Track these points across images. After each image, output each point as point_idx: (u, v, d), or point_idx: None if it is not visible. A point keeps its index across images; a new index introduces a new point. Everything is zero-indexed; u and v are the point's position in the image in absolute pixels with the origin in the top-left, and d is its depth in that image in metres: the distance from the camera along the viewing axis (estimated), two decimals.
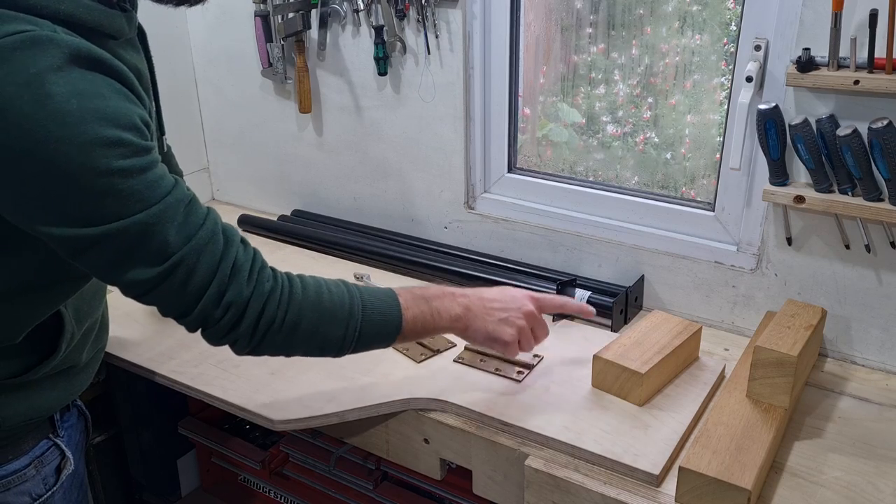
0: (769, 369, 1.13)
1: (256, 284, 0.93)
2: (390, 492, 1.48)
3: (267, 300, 0.94)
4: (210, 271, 0.89)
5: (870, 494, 1.03)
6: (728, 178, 1.41)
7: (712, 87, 1.49)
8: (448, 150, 1.68)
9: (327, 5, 1.70)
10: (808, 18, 1.21)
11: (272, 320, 0.95)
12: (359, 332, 1.02)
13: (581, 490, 1.05)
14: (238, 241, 0.94)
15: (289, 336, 0.97)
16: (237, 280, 0.91)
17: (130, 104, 0.83)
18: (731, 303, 1.45)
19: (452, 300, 1.11)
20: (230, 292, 0.91)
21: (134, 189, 0.82)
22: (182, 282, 0.88)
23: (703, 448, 1.03)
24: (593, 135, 1.66)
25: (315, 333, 0.99)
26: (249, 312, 0.93)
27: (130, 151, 0.81)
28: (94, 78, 0.80)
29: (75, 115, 0.77)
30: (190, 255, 0.87)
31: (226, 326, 0.93)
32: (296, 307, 0.96)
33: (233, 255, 0.91)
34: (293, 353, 1.01)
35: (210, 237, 0.89)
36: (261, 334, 0.95)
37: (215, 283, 0.90)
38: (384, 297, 1.06)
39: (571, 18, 1.60)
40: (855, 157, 1.18)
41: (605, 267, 1.56)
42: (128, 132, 0.81)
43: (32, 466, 1.05)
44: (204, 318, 0.91)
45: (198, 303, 0.90)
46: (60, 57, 0.77)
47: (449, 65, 1.60)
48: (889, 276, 1.28)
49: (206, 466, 1.80)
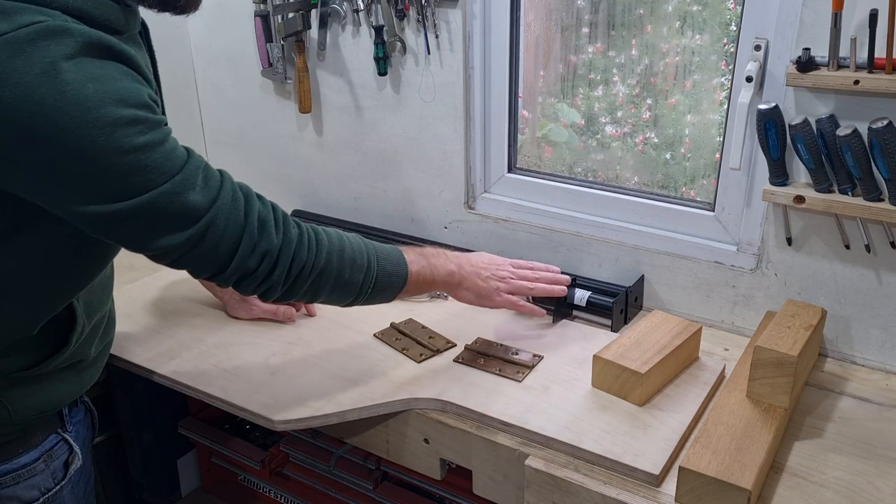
0: (769, 369, 1.13)
1: (284, 233, 1.00)
2: (390, 492, 1.48)
3: (297, 246, 1.01)
4: (239, 227, 0.95)
5: (870, 494, 1.03)
6: (728, 178, 1.41)
7: (712, 87, 1.49)
8: (448, 150, 1.68)
9: (327, 5, 1.70)
10: (808, 18, 1.21)
11: (303, 264, 1.01)
12: (374, 279, 1.11)
13: (581, 490, 1.05)
14: (255, 196, 0.99)
15: (317, 280, 1.04)
16: (266, 230, 0.97)
17: (138, 84, 0.86)
18: (731, 303, 1.45)
19: (446, 259, 1.24)
20: (263, 242, 0.97)
21: (157, 161, 0.86)
22: (215, 241, 0.93)
23: (703, 448, 1.03)
24: (592, 135, 1.66)
25: (339, 278, 1.07)
26: (282, 259, 0.99)
27: (147, 127, 0.85)
28: (103, 63, 0.82)
29: (93, 100, 0.80)
30: (218, 215, 0.92)
31: (261, 275, 0.99)
32: (323, 252, 1.04)
33: (256, 209, 0.97)
34: (318, 297, 1.08)
35: (232, 195, 0.95)
36: (293, 278, 1.01)
37: (247, 237, 0.95)
38: (393, 251, 1.16)
39: (571, 18, 1.60)
40: (855, 157, 1.18)
41: (605, 267, 1.56)
42: (142, 110, 0.85)
43: (42, 460, 1.07)
44: (241, 269, 0.97)
45: (232, 258, 0.95)
46: (74, 45, 0.79)
47: (449, 65, 1.60)
48: (889, 276, 1.28)
49: (206, 466, 1.80)
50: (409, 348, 1.36)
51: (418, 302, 1.55)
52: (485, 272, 1.28)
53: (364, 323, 1.45)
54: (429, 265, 1.20)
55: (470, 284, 1.26)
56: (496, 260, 1.33)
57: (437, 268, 1.21)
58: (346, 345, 1.39)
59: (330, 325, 1.46)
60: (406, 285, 1.16)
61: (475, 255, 1.33)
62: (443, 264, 1.23)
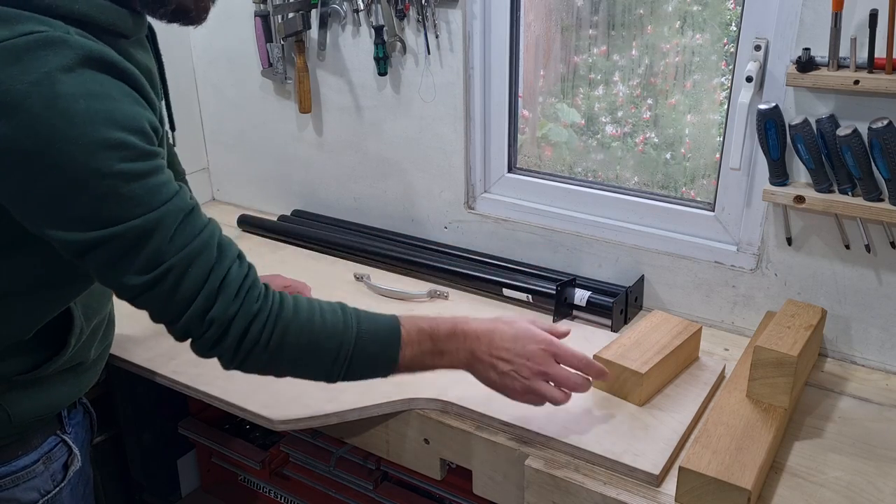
0: (769, 369, 1.13)
1: (244, 302, 0.92)
2: (390, 492, 1.48)
3: (253, 319, 0.92)
4: (198, 282, 0.88)
5: (870, 494, 1.03)
6: (728, 178, 1.41)
7: (712, 87, 1.49)
8: (448, 150, 1.68)
9: (327, 5, 1.70)
10: (808, 18, 1.21)
11: (256, 340, 0.93)
12: (349, 362, 0.99)
13: (581, 490, 1.05)
14: (234, 256, 0.92)
15: (273, 357, 0.95)
16: (224, 295, 0.90)
17: (139, 107, 0.84)
18: (731, 303, 1.45)
19: (462, 342, 1.05)
20: (216, 307, 0.90)
21: (135, 193, 0.82)
22: (171, 289, 0.87)
23: (703, 448, 1.03)
24: (593, 135, 1.66)
25: (301, 358, 0.97)
26: (233, 330, 0.91)
27: (134, 155, 0.81)
28: (104, 80, 0.80)
29: (83, 116, 0.77)
30: (180, 263, 0.86)
31: (209, 341, 0.92)
32: (281, 329, 0.94)
33: (224, 269, 0.90)
34: (280, 374, 1.00)
35: (203, 248, 0.88)
36: (244, 352, 0.93)
37: (202, 296, 0.89)
38: (384, 329, 1.02)
39: (571, 18, 1.60)
40: (855, 157, 1.18)
41: (605, 267, 1.56)
42: (133, 135, 0.81)
43: (41, 462, 1.06)
44: (188, 329, 0.91)
45: (184, 313, 0.89)
46: (72, 58, 0.78)
47: (449, 65, 1.60)
48: (889, 276, 1.28)
49: (206, 466, 1.80)
50: None
51: (419, 302, 1.55)
52: (503, 366, 1.06)
53: None
54: (433, 349, 1.04)
55: (482, 377, 1.08)
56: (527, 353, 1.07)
57: (442, 354, 1.05)
58: None
59: None
60: (395, 369, 1.03)
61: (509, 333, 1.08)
62: (453, 352, 1.05)
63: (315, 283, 1.61)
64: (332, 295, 1.57)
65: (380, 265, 1.69)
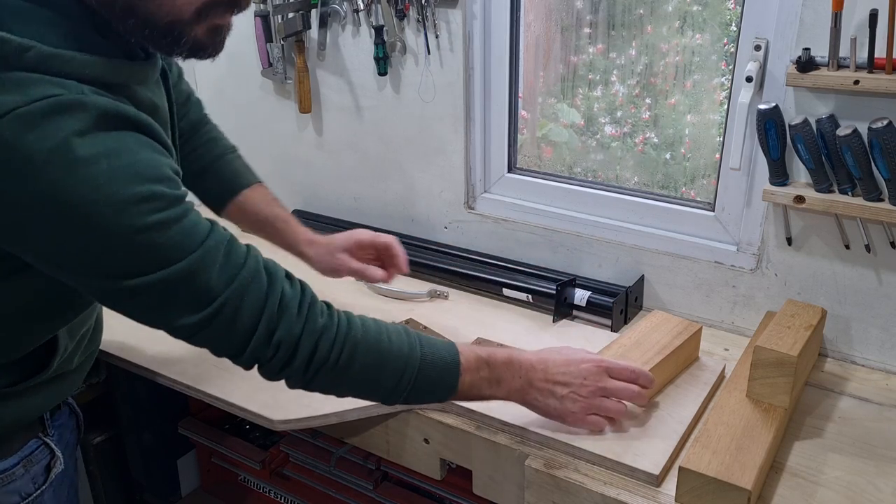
0: (769, 369, 1.13)
1: (307, 320, 0.92)
2: (390, 492, 1.48)
3: (320, 337, 0.93)
4: (257, 310, 0.88)
5: (870, 494, 1.03)
6: (728, 178, 1.41)
7: (712, 87, 1.49)
8: (448, 150, 1.68)
9: (327, 5, 1.70)
10: (808, 18, 1.21)
11: (326, 357, 0.93)
12: (412, 385, 0.99)
13: (581, 490, 1.05)
14: (283, 276, 0.92)
15: (340, 375, 0.95)
16: (286, 316, 0.90)
17: (159, 155, 0.83)
18: (731, 303, 1.45)
19: (518, 370, 1.06)
20: (280, 330, 0.90)
21: (172, 239, 0.82)
22: (229, 323, 0.87)
23: (703, 448, 1.03)
24: (592, 135, 1.66)
25: (367, 378, 0.97)
26: (302, 349, 0.92)
27: (165, 204, 0.81)
28: (120, 135, 0.80)
29: (106, 176, 0.77)
30: (234, 296, 0.86)
31: (278, 364, 0.92)
32: (351, 346, 0.94)
33: (278, 292, 0.90)
34: (343, 393, 1.00)
35: (253, 276, 0.88)
36: (313, 371, 0.93)
37: (264, 322, 0.89)
38: (445, 354, 1.02)
39: (571, 18, 1.60)
40: (855, 157, 1.18)
41: (605, 267, 1.56)
42: (159, 184, 0.81)
43: (21, 465, 1.04)
44: (256, 357, 0.91)
45: (248, 343, 0.89)
46: (87, 119, 0.77)
47: (449, 65, 1.60)
48: (889, 276, 1.28)
49: (206, 466, 1.80)
50: None
51: (419, 302, 1.55)
52: (561, 390, 1.07)
53: None
54: (490, 376, 1.04)
55: (540, 404, 1.08)
56: (583, 373, 1.08)
57: (499, 382, 1.05)
58: None
59: None
60: (454, 395, 1.03)
61: (561, 357, 1.09)
62: (509, 379, 1.06)
63: (315, 284, 1.61)
64: (332, 295, 1.57)
65: None
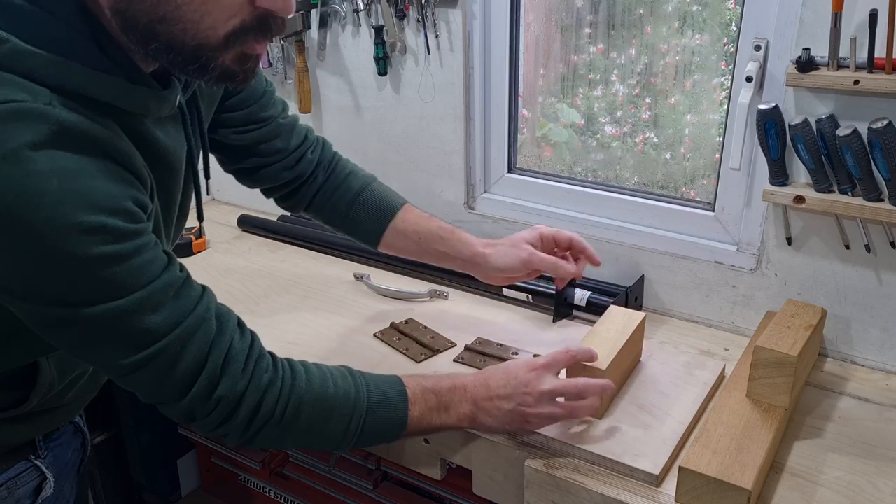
0: (769, 369, 1.13)
1: (252, 376, 0.87)
2: (390, 492, 1.48)
3: (265, 393, 0.88)
4: (199, 361, 0.83)
5: (870, 494, 1.03)
6: (728, 178, 1.41)
7: (712, 87, 1.49)
8: (448, 150, 1.68)
9: (327, 5, 1.70)
10: (808, 18, 1.21)
11: (270, 414, 0.89)
12: (361, 428, 0.96)
13: (581, 490, 1.05)
14: (233, 327, 0.87)
15: (286, 430, 0.91)
16: (230, 371, 0.85)
17: (121, 185, 0.76)
18: (731, 303, 1.45)
19: (463, 394, 1.04)
20: (222, 385, 0.85)
21: (116, 276, 0.75)
22: (165, 370, 0.81)
23: (703, 448, 1.03)
24: (592, 135, 1.66)
25: (312, 428, 0.93)
26: (244, 407, 0.87)
27: (113, 238, 0.74)
28: (81, 157, 0.73)
29: (52, 196, 0.70)
30: (175, 342, 0.81)
31: (216, 420, 0.87)
32: (297, 400, 0.90)
33: (226, 343, 0.85)
34: (288, 446, 0.97)
35: (200, 323, 0.83)
36: (256, 429, 0.89)
37: (205, 375, 0.84)
38: (391, 389, 0.99)
39: (571, 18, 1.60)
40: (855, 157, 1.18)
41: (605, 267, 1.56)
42: (113, 217, 0.74)
43: (5, 488, 0.98)
44: (192, 410, 0.86)
45: (185, 394, 0.84)
46: (45, 133, 0.70)
47: (449, 65, 1.60)
48: (889, 276, 1.28)
49: (206, 466, 1.80)
50: (410, 348, 1.36)
51: (419, 302, 1.55)
52: (507, 404, 1.04)
53: (366, 321, 1.45)
54: (438, 405, 1.02)
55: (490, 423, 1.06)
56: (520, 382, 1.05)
57: (447, 409, 1.03)
58: (346, 344, 1.39)
59: (330, 325, 1.46)
60: (404, 431, 1.00)
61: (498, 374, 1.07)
62: (456, 404, 1.04)
63: (315, 284, 1.61)
64: (332, 295, 1.58)
65: (380, 265, 1.69)
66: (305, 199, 1.29)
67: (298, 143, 1.26)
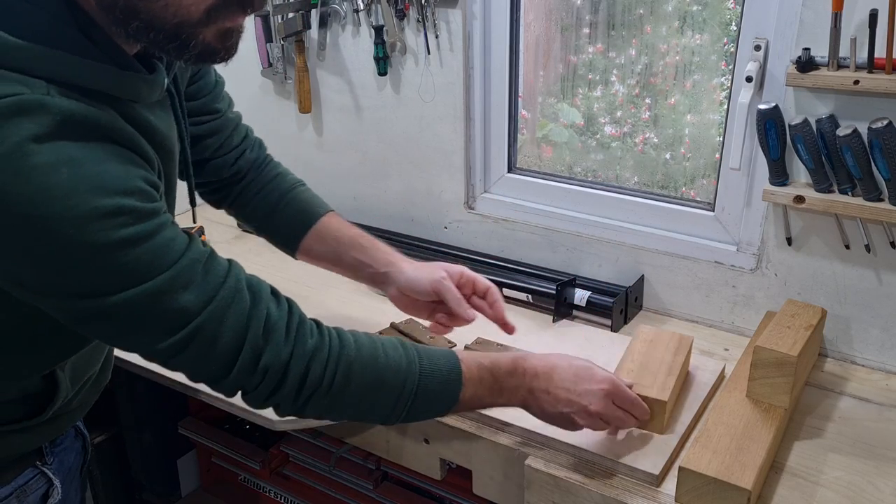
0: (769, 369, 1.13)
1: (296, 343, 0.85)
2: (390, 492, 1.48)
3: (311, 359, 0.86)
4: (238, 334, 0.81)
5: (870, 494, 1.03)
6: (728, 178, 1.41)
7: (712, 87, 1.49)
8: (448, 150, 1.68)
9: (327, 5, 1.70)
10: (808, 18, 1.21)
11: (319, 381, 0.87)
12: (412, 401, 0.93)
13: (581, 490, 1.05)
14: (268, 295, 0.85)
15: (336, 398, 0.89)
16: (273, 339, 0.84)
17: (131, 166, 0.76)
18: (731, 303, 1.45)
19: (522, 379, 1.00)
20: (266, 355, 0.83)
21: (141, 258, 0.74)
22: (207, 348, 0.80)
23: (703, 448, 1.04)
24: (592, 135, 1.66)
25: (364, 398, 0.91)
26: (291, 375, 0.85)
27: (133, 218, 0.73)
28: (86, 144, 0.72)
29: (65, 187, 0.69)
30: (212, 318, 0.79)
31: (266, 391, 0.85)
32: (345, 367, 0.88)
33: (263, 312, 0.83)
34: (339, 416, 0.94)
35: (234, 295, 0.81)
36: (305, 397, 0.87)
37: (248, 347, 0.82)
38: (446, 365, 0.95)
39: (571, 18, 1.60)
40: (855, 157, 1.18)
41: (605, 267, 1.56)
42: (128, 198, 0.73)
43: (14, 496, 0.97)
44: (240, 384, 0.84)
45: (231, 369, 0.82)
46: (48, 123, 0.69)
47: (449, 65, 1.60)
48: (889, 276, 1.28)
49: (207, 466, 1.80)
50: None
51: None
52: (563, 407, 1.00)
53: (364, 323, 1.45)
54: (493, 387, 0.98)
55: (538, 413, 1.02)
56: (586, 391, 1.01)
57: (502, 392, 0.99)
58: None
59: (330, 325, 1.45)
60: (455, 407, 0.96)
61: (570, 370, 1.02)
62: (513, 388, 1.00)
63: (315, 284, 1.61)
64: (333, 295, 1.58)
65: None
66: (231, 195, 1.27)
67: (240, 141, 1.26)
